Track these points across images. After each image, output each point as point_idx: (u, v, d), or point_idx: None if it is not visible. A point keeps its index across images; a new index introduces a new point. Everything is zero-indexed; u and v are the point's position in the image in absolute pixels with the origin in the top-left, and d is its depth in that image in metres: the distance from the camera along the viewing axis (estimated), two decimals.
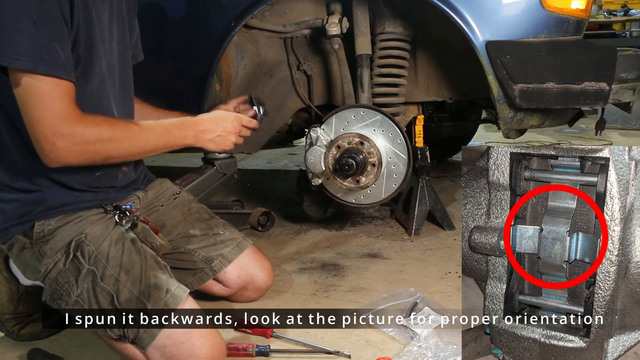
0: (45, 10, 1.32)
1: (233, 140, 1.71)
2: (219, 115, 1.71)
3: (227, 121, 1.69)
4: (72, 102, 1.39)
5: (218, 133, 1.66)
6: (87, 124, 1.40)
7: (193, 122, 1.63)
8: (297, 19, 2.29)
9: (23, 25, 1.30)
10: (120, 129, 1.47)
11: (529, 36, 1.94)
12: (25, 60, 1.31)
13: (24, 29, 1.30)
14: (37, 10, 1.31)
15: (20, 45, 1.30)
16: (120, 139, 1.45)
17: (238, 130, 1.72)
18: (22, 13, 1.30)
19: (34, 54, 1.31)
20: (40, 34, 1.31)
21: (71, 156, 1.39)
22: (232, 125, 1.70)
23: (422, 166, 2.47)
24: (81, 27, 1.42)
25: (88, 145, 1.40)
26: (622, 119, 4.83)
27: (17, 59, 1.30)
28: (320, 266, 2.24)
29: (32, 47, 1.31)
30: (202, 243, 1.81)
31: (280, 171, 4.05)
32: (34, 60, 1.31)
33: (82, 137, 1.39)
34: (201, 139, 1.63)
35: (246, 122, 1.75)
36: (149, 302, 1.43)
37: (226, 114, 1.72)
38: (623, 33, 8.11)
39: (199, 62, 2.20)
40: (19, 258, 1.55)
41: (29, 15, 1.30)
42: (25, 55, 1.30)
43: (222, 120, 1.68)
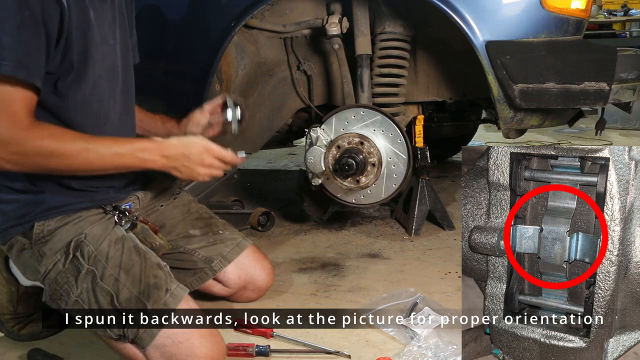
0: (28, 16, 1.30)
1: (202, 173, 1.57)
2: (189, 142, 1.56)
3: (195, 151, 1.54)
4: (25, 110, 1.35)
5: (183, 163, 1.54)
6: (30, 134, 1.35)
7: (159, 147, 1.52)
8: (297, 19, 2.29)
9: (6, 28, 1.28)
10: (67, 145, 1.39)
11: (529, 36, 1.94)
12: (5, 64, 1.29)
13: (7, 32, 1.28)
14: (21, 14, 1.29)
15: (2, 49, 1.28)
16: (64, 155, 1.39)
17: (208, 162, 1.56)
18: (5, 16, 1.29)
19: (14, 58, 1.29)
20: (22, 39, 1.30)
21: (8, 164, 1.36)
22: (199, 157, 1.55)
23: (422, 166, 2.47)
24: (74, 31, 1.41)
25: (26, 157, 1.37)
26: (622, 119, 4.83)
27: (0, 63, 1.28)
28: (320, 266, 2.24)
29: (13, 51, 1.29)
30: (202, 243, 1.80)
31: (280, 171, 4.05)
32: (13, 65, 1.29)
33: (20, 147, 1.35)
34: (166, 166, 1.53)
35: (218, 153, 1.58)
36: (148, 302, 1.43)
37: (196, 142, 1.56)
38: (623, 33, 8.11)
39: (199, 62, 2.20)
40: (19, 258, 1.55)
41: (13, 19, 1.28)
42: (6, 59, 1.28)
43: (189, 148, 1.54)
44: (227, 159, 1.60)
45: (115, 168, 1.48)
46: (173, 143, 1.54)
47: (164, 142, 1.53)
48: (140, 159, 1.49)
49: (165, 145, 1.53)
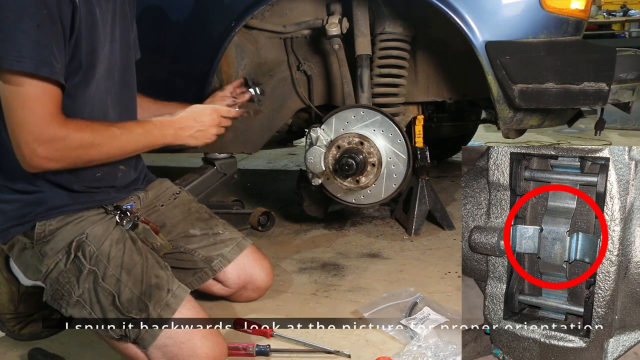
0: (46, 14, 1.31)
1: (214, 132, 1.74)
2: (197, 110, 1.72)
3: (205, 115, 1.72)
4: (57, 107, 1.38)
5: (197, 128, 1.69)
6: (69, 129, 1.39)
7: (171, 121, 1.65)
8: (297, 20, 2.29)
9: (25, 27, 1.30)
10: (101, 133, 1.47)
11: (529, 36, 1.95)
12: (28, 62, 1.30)
13: (27, 31, 1.30)
14: (39, 13, 1.30)
15: (24, 47, 1.30)
16: (101, 144, 1.46)
17: (217, 122, 1.75)
18: (24, 15, 1.30)
19: (36, 57, 1.30)
20: (42, 37, 1.31)
21: (52, 162, 1.39)
22: (210, 118, 1.72)
23: (422, 166, 2.47)
24: (83, 32, 1.42)
25: (70, 151, 1.40)
26: (621, 119, 4.83)
27: (19, 61, 1.30)
28: (320, 266, 2.24)
29: (35, 49, 1.30)
30: (202, 243, 1.81)
31: (280, 171, 4.05)
32: (36, 63, 1.31)
33: (64, 143, 1.39)
34: (181, 136, 1.66)
35: (224, 112, 1.79)
36: (150, 302, 1.44)
37: (203, 108, 1.75)
38: (622, 33, 8.12)
39: (199, 62, 2.20)
40: (20, 258, 1.55)
41: (32, 18, 1.30)
42: (28, 57, 1.30)
43: (199, 114, 1.71)
44: (231, 114, 1.82)
45: (144, 147, 1.58)
46: (182, 115, 1.68)
47: (175, 117, 1.66)
48: (161, 135, 1.61)
49: (178, 119, 1.66)
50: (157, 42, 2.28)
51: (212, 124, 1.73)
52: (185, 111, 1.70)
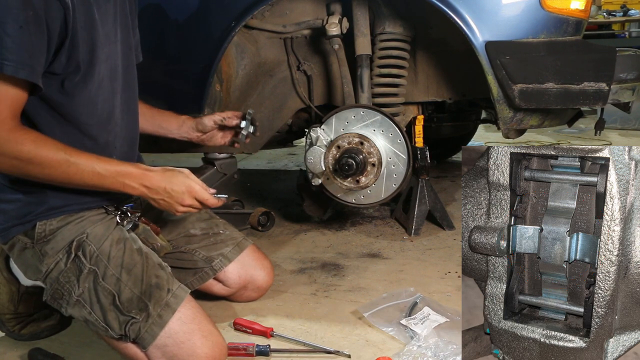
0: (32, 16, 1.29)
1: (179, 210, 1.55)
2: (174, 179, 1.53)
3: (178, 189, 1.53)
4: (12, 113, 1.34)
5: (163, 197, 1.52)
6: (12, 137, 1.34)
7: (142, 176, 1.50)
8: (297, 20, 2.29)
9: (8, 28, 1.28)
10: (48, 153, 1.38)
11: (529, 36, 1.95)
12: (9, 64, 1.28)
13: (8, 33, 1.28)
14: (24, 14, 1.28)
15: (6, 50, 1.28)
16: (44, 165, 1.38)
17: (187, 203, 1.54)
18: (8, 16, 1.28)
19: (17, 58, 1.29)
20: (24, 39, 1.29)
21: None
22: (180, 196, 1.53)
23: (422, 166, 2.47)
24: (79, 31, 1.40)
25: (3, 158, 1.36)
26: (621, 119, 4.83)
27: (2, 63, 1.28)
28: (320, 266, 2.24)
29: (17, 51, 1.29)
30: (203, 243, 1.81)
31: (280, 171, 4.05)
32: (16, 65, 1.29)
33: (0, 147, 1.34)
34: (145, 195, 1.51)
35: (200, 196, 1.56)
36: (150, 302, 1.44)
37: (181, 182, 1.54)
38: (622, 33, 8.11)
39: (199, 62, 2.20)
40: (20, 258, 1.55)
41: (15, 19, 1.28)
42: (9, 59, 1.28)
43: (173, 184, 1.52)
44: (208, 203, 1.58)
45: (94, 187, 1.46)
46: (157, 175, 1.52)
47: (147, 172, 1.51)
48: (120, 183, 1.47)
49: (149, 176, 1.50)
50: (157, 42, 2.28)
51: (179, 201, 1.54)
52: (161, 171, 1.53)
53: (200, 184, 1.57)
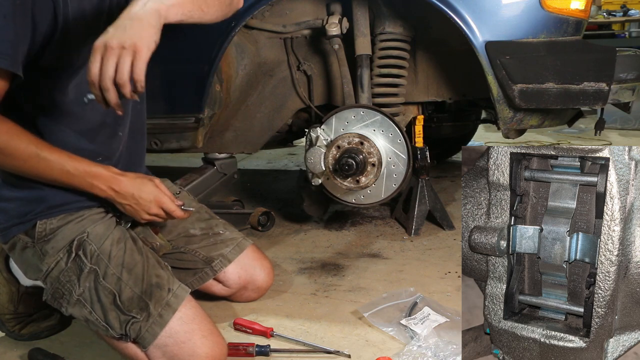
0: (18, 5, 1.27)
1: (145, 218, 1.56)
2: (143, 186, 1.54)
3: (146, 197, 1.53)
4: None
5: (130, 203, 1.52)
6: None
7: (112, 179, 1.49)
8: (297, 20, 2.29)
9: None
10: (18, 145, 1.37)
11: (529, 36, 1.95)
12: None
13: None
14: (10, 3, 1.26)
15: None
16: (12, 156, 1.38)
17: (153, 211, 1.55)
18: None
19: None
20: (9, 28, 1.27)
21: None
22: (147, 204, 1.54)
23: (422, 166, 2.47)
24: (71, 27, 1.38)
25: None
26: (621, 119, 4.83)
27: None
28: (320, 266, 2.24)
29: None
30: (202, 243, 1.81)
31: (280, 171, 4.05)
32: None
33: None
34: (113, 198, 1.51)
35: (167, 206, 1.56)
36: (151, 302, 1.44)
37: (148, 189, 1.54)
38: (622, 33, 8.11)
39: (199, 62, 2.20)
40: (21, 257, 1.55)
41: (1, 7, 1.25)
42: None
43: (142, 192, 1.53)
44: (174, 214, 1.59)
45: (62, 184, 1.47)
46: (127, 181, 1.52)
47: (118, 176, 1.51)
48: (89, 183, 1.47)
49: (118, 180, 1.50)
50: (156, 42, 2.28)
51: (146, 209, 1.54)
52: (132, 180, 1.53)
53: (168, 195, 1.58)
